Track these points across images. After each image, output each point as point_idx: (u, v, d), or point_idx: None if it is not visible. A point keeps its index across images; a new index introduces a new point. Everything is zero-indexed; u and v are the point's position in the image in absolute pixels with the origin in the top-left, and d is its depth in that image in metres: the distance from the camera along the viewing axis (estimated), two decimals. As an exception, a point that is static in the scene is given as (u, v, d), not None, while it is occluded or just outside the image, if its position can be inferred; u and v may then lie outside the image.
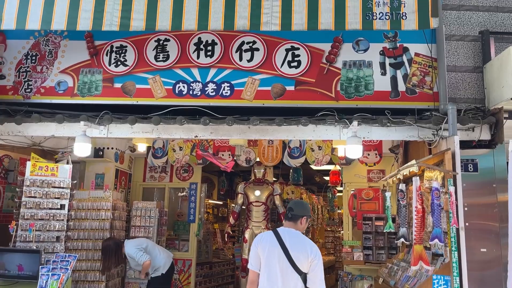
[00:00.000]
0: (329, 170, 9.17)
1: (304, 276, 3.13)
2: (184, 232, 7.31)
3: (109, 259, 5.04)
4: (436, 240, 3.92)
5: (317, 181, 11.16)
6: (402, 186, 4.25)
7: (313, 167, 10.20)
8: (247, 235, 6.57)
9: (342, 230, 7.89)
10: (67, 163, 5.36)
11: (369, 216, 6.42)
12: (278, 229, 3.30)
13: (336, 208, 11.14)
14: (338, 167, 9.00)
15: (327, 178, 11.24)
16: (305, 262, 3.12)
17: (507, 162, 4.22)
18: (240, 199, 6.86)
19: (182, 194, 7.74)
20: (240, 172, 10.35)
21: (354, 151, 4.47)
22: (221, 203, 11.32)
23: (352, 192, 6.73)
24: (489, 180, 4.60)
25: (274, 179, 8.04)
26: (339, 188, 11.72)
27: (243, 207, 6.98)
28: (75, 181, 5.40)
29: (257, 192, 6.69)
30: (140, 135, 5.06)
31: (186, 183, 7.39)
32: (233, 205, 7.08)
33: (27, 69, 5.26)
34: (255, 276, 3.19)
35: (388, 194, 4.45)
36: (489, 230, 4.49)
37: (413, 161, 4.28)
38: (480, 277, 4.34)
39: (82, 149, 4.68)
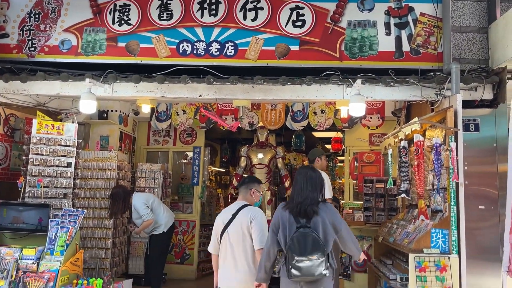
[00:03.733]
0: (331, 138, 9.24)
1: None
2: (188, 194, 7.43)
3: (116, 205, 5.23)
4: (439, 195, 4.01)
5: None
6: (404, 143, 4.31)
7: (315, 134, 10.29)
8: (249, 196, 6.69)
9: (343, 200, 8.02)
10: (72, 122, 5.41)
11: (370, 178, 6.50)
12: None
13: (337, 177, 11.25)
14: (340, 134, 9.07)
15: (328, 146, 11.33)
16: None
17: (509, 120, 4.26)
18: (243, 162, 6.95)
19: (185, 161, 7.83)
20: (242, 140, 10.41)
21: (357, 109, 4.51)
22: (224, 170, 11.44)
23: (353, 155, 6.81)
24: (490, 140, 4.66)
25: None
26: (340, 158, 11.82)
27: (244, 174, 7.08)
28: (81, 140, 5.47)
29: (260, 155, 6.77)
30: (145, 94, 5.10)
31: (190, 147, 7.47)
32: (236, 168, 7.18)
33: (31, 28, 5.25)
34: None
35: (389, 151, 4.52)
36: (488, 189, 4.57)
37: (416, 119, 4.33)
38: (477, 233, 4.45)
39: (88, 106, 4.72)
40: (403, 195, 4.24)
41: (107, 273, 5.04)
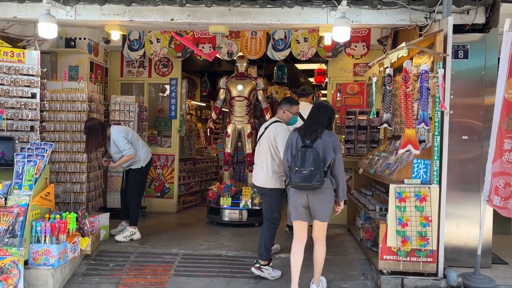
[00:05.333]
0: (314, 70, 8.93)
1: None
2: (166, 128, 7.20)
3: (93, 139, 4.98)
4: (423, 124, 3.86)
5: (301, 82, 10.95)
6: (389, 70, 4.08)
7: (298, 66, 9.95)
8: (229, 130, 6.48)
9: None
10: (35, 50, 4.98)
11: (353, 110, 6.35)
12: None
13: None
14: (323, 66, 8.76)
15: (312, 79, 11.04)
16: None
17: (500, 47, 4.03)
18: (222, 94, 6.65)
19: (163, 94, 7.46)
20: (223, 73, 10.03)
21: (341, 34, 4.20)
22: (204, 104, 11.15)
23: (337, 87, 6.57)
24: (478, 68, 4.46)
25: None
26: (323, 92, 11.59)
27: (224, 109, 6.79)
28: (45, 69, 5.08)
29: (240, 87, 6.47)
30: (112, 18, 4.68)
31: (166, 78, 7.10)
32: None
33: None
34: None
35: (374, 79, 4.29)
36: (473, 120, 4.44)
37: (403, 44, 4.06)
38: (458, 164, 4.39)
39: (48, 31, 4.30)
40: (385, 125, 4.08)
41: (82, 207, 4.90)
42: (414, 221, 3.93)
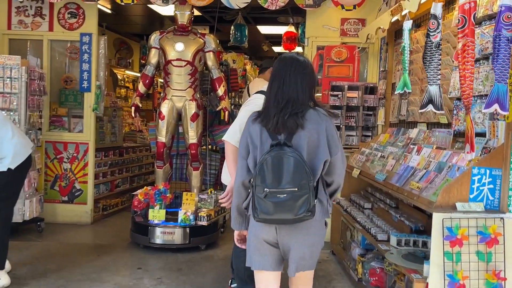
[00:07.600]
0: (282, 36, 7.08)
1: None
2: (76, 105, 5.09)
3: None
4: (496, 106, 2.10)
5: (264, 51, 9.03)
6: (436, 8, 2.25)
7: (262, 30, 8.04)
8: (164, 109, 4.48)
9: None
10: None
11: (340, 84, 4.56)
12: None
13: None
14: (293, 28, 6.92)
15: (278, 48, 9.17)
16: None
17: None
18: (154, 56, 4.61)
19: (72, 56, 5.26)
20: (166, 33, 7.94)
21: None
22: (144, 76, 9.00)
23: (317, 51, 4.73)
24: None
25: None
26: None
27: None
28: None
29: (179, 46, 4.45)
30: None
31: (75, 33, 4.96)
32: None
33: None
34: None
35: (407, 24, 2.45)
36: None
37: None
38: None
39: None
40: (430, 107, 2.29)
41: None
42: (474, 278, 2.21)
